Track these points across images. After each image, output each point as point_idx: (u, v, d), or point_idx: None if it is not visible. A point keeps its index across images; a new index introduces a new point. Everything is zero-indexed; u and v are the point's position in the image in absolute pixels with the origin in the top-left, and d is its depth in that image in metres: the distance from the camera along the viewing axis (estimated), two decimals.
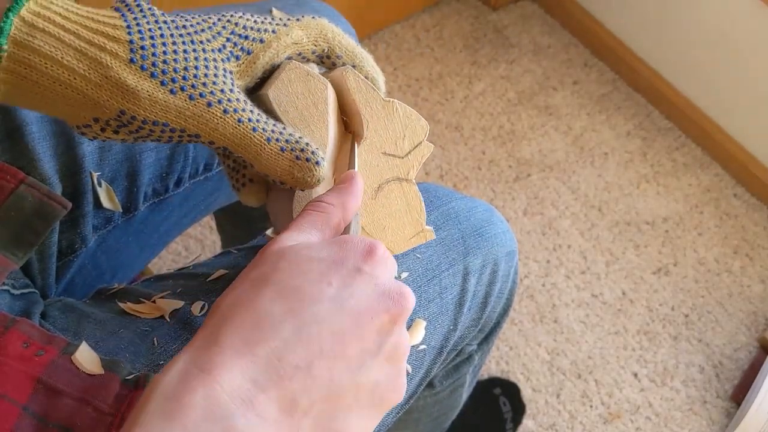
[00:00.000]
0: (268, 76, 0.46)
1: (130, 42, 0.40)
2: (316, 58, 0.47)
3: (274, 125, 0.43)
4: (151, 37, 0.40)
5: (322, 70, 0.49)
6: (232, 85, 0.42)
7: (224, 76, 0.42)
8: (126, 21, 0.40)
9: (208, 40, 0.42)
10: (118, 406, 0.42)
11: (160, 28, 0.41)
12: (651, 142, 1.41)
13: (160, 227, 0.67)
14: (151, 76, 0.40)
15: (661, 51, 1.41)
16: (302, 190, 0.45)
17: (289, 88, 0.45)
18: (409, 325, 0.55)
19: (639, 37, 1.44)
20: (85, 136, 0.43)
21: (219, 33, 0.43)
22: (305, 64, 0.47)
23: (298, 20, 0.46)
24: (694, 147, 1.41)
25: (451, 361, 0.69)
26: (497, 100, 1.43)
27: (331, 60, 0.47)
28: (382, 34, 1.48)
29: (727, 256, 1.30)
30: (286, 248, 0.36)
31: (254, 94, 0.46)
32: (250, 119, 0.42)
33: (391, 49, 1.46)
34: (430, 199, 0.60)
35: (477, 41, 1.50)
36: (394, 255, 0.52)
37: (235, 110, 0.42)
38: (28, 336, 0.43)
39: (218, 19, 0.44)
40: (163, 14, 0.42)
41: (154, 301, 0.52)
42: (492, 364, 1.16)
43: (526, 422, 1.12)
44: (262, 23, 0.45)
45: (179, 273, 0.57)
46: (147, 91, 0.40)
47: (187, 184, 0.65)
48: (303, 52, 0.46)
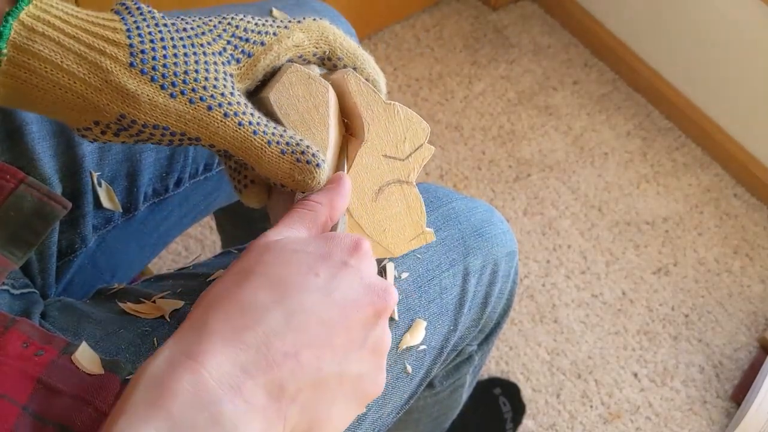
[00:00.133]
0: (269, 78, 0.46)
1: (130, 46, 0.40)
2: (317, 60, 0.47)
3: (275, 128, 0.43)
4: (151, 41, 0.40)
5: (323, 71, 0.49)
6: (233, 88, 0.42)
7: (224, 79, 0.42)
8: (126, 24, 0.40)
9: (209, 43, 0.42)
10: None
11: (160, 32, 0.41)
12: (651, 142, 1.41)
13: (160, 227, 0.67)
14: (151, 79, 0.40)
15: (661, 51, 1.41)
16: (303, 192, 0.45)
17: (290, 91, 0.45)
18: (410, 325, 0.55)
19: (639, 37, 1.44)
20: (85, 139, 0.43)
21: (219, 36, 0.43)
22: (306, 65, 0.47)
23: (299, 22, 0.46)
24: (694, 147, 1.41)
25: (452, 362, 0.69)
26: (497, 100, 1.43)
27: (332, 62, 0.47)
28: (382, 34, 1.48)
29: (727, 256, 1.30)
30: (272, 242, 0.37)
31: (255, 96, 0.46)
32: (250, 122, 0.42)
33: (391, 49, 1.46)
34: (430, 200, 0.60)
35: (477, 41, 1.50)
36: (394, 257, 0.52)
37: (236, 113, 0.42)
38: (28, 336, 0.43)
39: (219, 22, 0.43)
40: (164, 17, 0.42)
41: (154, 301, 0.52)
42: (492, 364, 1.16)
43: (526, 422, 1.12)
44: (263, 25, 0.45)
45: (179, 273, 0.57)
46: (147, 95, 0.40)
47: (187, 184, 0.65)
48: (304, 55, 0.46)
